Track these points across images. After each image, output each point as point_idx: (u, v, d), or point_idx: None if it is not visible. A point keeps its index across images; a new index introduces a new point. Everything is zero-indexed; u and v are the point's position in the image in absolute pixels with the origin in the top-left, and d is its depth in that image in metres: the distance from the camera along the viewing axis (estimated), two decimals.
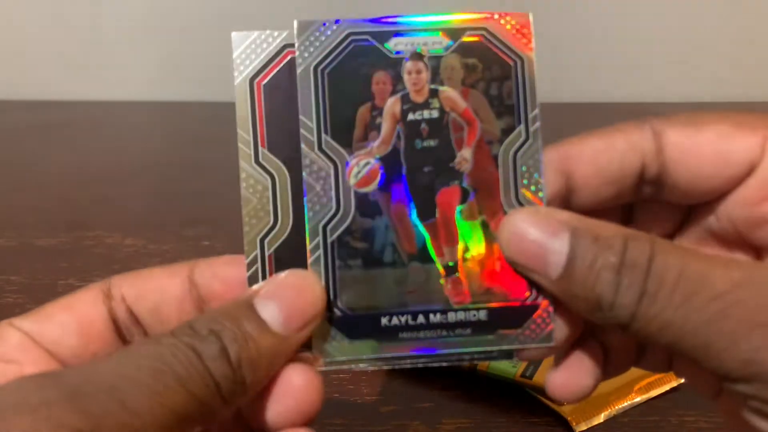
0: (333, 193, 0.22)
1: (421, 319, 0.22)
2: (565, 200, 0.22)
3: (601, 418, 0.34)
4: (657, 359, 0.25)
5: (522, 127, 0.22)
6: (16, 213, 0.63)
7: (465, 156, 0.22)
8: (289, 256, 0.22)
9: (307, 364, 0.22)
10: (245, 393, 0.20)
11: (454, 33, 0.22)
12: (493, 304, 0.22)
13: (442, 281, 0.22)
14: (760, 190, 0.21)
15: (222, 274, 0.23)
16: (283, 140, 0.22)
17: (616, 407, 0.34)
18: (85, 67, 1.10)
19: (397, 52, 0.22)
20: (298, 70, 0.22)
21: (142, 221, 0.60)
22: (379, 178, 0.22)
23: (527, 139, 0.22)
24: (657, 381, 0.35)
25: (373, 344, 0.22)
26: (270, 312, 0.21)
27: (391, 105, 0.22)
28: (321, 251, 0.22)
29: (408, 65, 0.22)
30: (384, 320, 0.22)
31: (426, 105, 0.22)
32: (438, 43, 0.22)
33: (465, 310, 0.22)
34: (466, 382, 0.36)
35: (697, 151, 0.21)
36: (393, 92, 0.22)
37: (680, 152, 0.21)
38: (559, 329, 0.22)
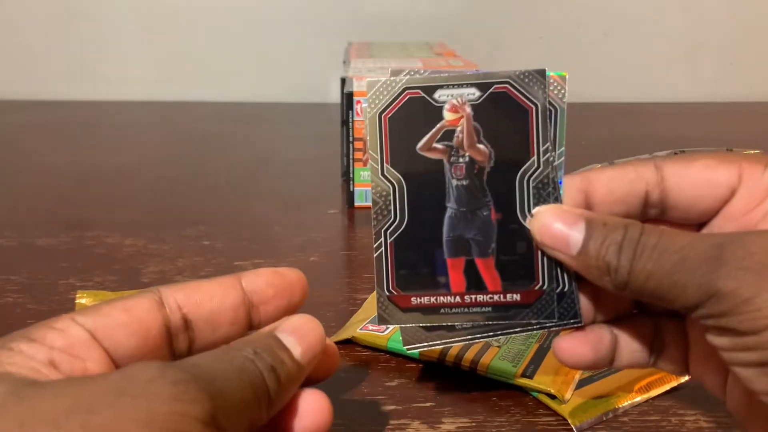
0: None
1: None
2: None
3: (601, 417, 0.34)
4: (674, 359, 0.29)
5: (551, 155, 0.28)
6: (16, 213, 0.63)
7: None
8: (405, 244, 0.29)
9: (318, 390, 0.25)
10: (275, 410, 0.23)
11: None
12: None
13: None
14: (741, 207, 0.27)
15: (274, 282, 0.27)
16: (401, 158, 0.28)
17: (617, 407, 0.34)
18: (86, 67, 1.10)
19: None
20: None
21: (142, 221, 0.60)
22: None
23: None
24: (657, 381, 0.35)
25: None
26: (291, 343, 0.25)
27: None
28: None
29: None
30: None
31: None
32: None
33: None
34: (466, 382, 0.36)
35: (689, 178, 0.27)
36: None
37: (676, 180, 0.27)
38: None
